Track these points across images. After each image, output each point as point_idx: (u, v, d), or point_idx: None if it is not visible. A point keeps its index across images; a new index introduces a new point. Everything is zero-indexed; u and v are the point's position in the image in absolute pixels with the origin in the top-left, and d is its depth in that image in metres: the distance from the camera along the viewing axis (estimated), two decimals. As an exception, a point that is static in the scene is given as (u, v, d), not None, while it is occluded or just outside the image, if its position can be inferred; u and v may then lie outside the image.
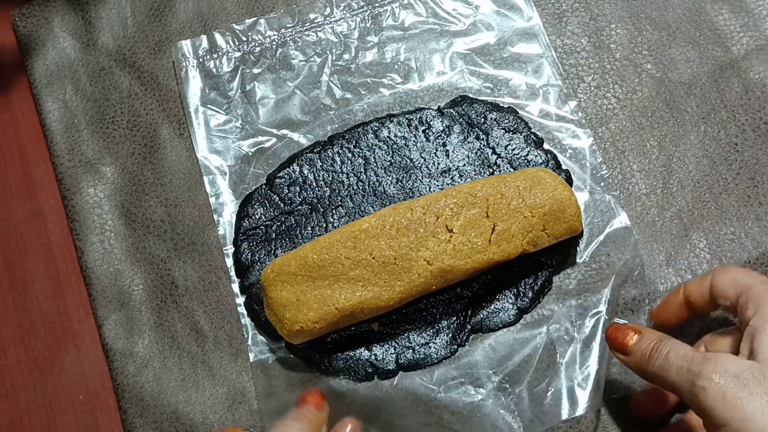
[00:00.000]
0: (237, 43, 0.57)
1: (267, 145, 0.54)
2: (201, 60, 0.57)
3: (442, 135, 0.53)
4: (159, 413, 0.49)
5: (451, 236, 0.46)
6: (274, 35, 0.57)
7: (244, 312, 0.51)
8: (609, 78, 0.55)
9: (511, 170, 0.51)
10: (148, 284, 0.52)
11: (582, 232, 0.49)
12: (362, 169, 0.52)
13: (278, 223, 0.51)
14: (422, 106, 0.54)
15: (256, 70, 0.56)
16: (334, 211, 0.51)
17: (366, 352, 0.48)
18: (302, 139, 0.54)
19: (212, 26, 0.58)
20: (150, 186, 0.55)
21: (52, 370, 0.52)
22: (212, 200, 0.53)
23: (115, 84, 0.58)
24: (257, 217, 0.52)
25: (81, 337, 0.53)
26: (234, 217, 0.53)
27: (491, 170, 0.51)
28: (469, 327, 0.49)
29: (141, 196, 0.55)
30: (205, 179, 0.54)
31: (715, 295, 0.42)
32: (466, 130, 0.53)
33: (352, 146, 0.53)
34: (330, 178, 0.52)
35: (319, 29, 0.57)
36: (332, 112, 0.55)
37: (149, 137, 0.56)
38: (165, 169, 0.55)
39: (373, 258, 0.45)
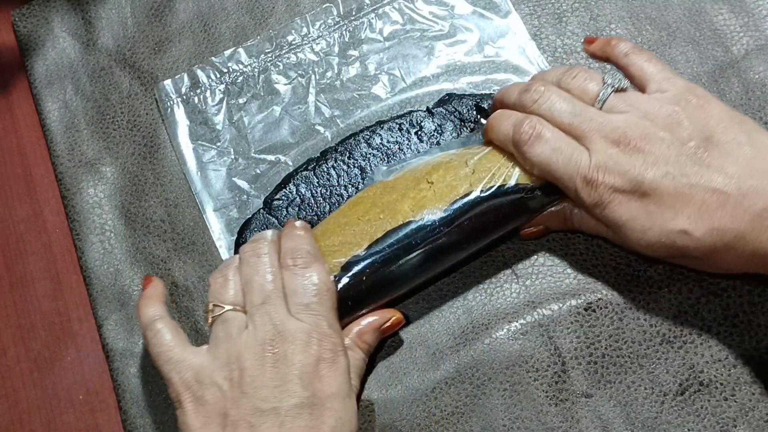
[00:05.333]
0: (219, 76, 0.56)
1: (262, 171, 0.54)
2: (185, 98, 0.56)
3: (435, 134, 0.53)
4: (159, 413, 0.49)
5: (431, 185, 0.47)
6: (255, 62, 0.57)
7: None
8: (609, 78, 0.55)
9: None
10: (148, 284, 0.52)
11: None
12: (360, 179, 0.52)
13: None
14: (411, 109, 0.54)
15: (241, 100, 0.56)
16: None
17: None
18: (297, 162, 0.54)
19: (212, 26, 0.59)
20: (150, 186, 0.55)
21: (52, 370, 0.52)
22: (214, 235, 0.53)
23: (115, 84, 0.58)
24: None
25: (81, 337, 0.53)
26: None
27: None
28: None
29: (141, 196, 0.55)
30: (205, 216, 0.53)
31: None
32: (458, 126, 0.53)
33: (346, 158, 0.52)
34: (328, 193, 0.52)
35: (298, 50, 0.57)
36: (324, 131, 0.55)
37: (149, 137, 0.56)
38: (165, 169, 0.55)
39: (359, 219, 0.47)
